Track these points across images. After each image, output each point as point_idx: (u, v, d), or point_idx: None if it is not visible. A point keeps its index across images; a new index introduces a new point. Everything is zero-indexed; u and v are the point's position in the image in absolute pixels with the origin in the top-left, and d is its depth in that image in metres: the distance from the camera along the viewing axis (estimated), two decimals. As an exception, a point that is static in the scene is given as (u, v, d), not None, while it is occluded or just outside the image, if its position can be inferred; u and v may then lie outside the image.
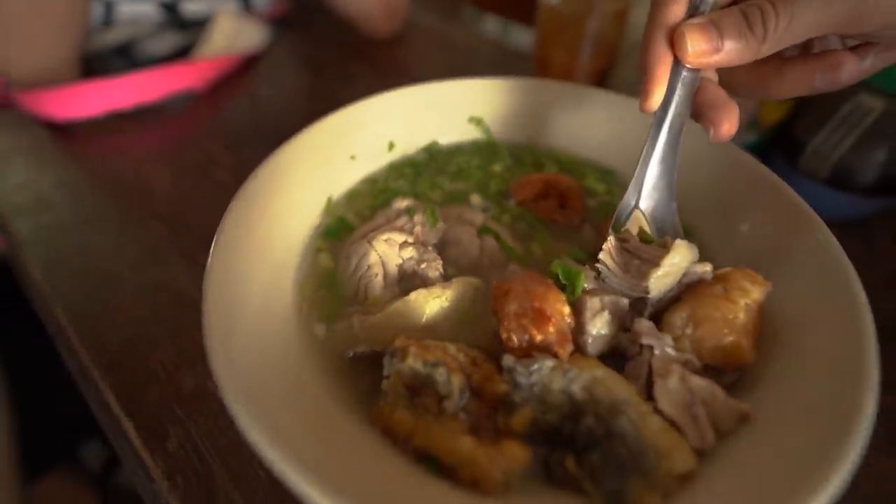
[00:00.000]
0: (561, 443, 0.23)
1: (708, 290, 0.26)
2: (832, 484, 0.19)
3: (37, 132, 0.58)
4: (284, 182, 0.33)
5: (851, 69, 0.26)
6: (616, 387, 0.23)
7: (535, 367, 0.24)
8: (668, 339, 0.25)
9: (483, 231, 0.35)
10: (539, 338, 0.24)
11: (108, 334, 0.39)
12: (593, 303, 0.25)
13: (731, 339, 0.25)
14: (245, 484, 0.31)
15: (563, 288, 0.27)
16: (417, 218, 0.35)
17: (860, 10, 0.23)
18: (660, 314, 0.28)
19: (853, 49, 0.27)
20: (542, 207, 0.36)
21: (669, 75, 0.27)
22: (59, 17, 0.58)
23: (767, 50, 0.25)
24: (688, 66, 0.26)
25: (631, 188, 0.30)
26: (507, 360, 0.24)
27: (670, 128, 0.29)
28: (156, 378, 0.36)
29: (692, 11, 0.26)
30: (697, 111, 0.29)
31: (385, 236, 0.34)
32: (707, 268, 0.27)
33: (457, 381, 0.24)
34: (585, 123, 0.40)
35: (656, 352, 0.24)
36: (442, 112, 0.40)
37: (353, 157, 0.38)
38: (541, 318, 0.25)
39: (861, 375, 0.22)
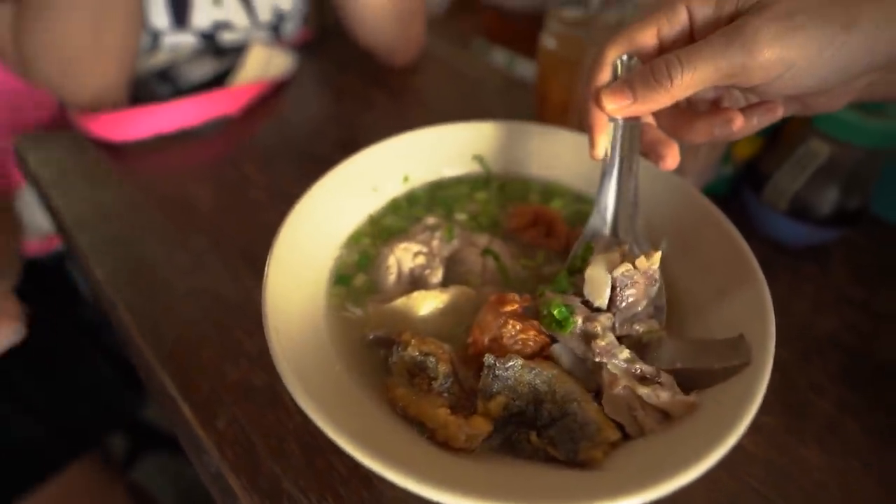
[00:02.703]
0: (525, 423, 0.31)
1: None
2: (720, 450, 0.26)
3: (93, 152, 0.66)
4: (322, 207, 0.41)
5: (740, 124, 0.33)
6: (568, 382, 0.31)
7: (510, 364, 0.31)
8: (624, 353, 0.31)
9: (485, 252, 0.42)
10: (530, 337, 0.33)
11: (164, 331, 0.46)
12: (602, 321, 0.32)
13: None
14: (283, 458, 0.38)
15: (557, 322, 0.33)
16: (437, 234, 0.43)
17: (744, 66, 0.28)
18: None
19: (744, 109, 0.34)
20: (529, 235, 0.43)
21: (610, 126, 0.35)
22: (117, 50, 0.65)
23: (678, 94, 0.30)
24: (613, 118, 0.34)
25: (594, 215, 0.38)
26: (489, 358, 0.31)
27: (619, 165, 0.36)
28: (205, 369, 0.43)
29: (615, 76, 0.34)
30: (646, 150, 0.36)
31: (404, 245, 0.42)
32: (623, 269, 0.33)
33: (443, 367, 0.32)
34: (565, 158, 0.48)
35: (608, 366, 0.31)
36: (449, 150, 0.48)
37: (375, 189, 0.45)
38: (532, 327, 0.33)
39: (757, 375, 0.29)
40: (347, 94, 0.79)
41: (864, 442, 0.40)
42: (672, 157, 0.35)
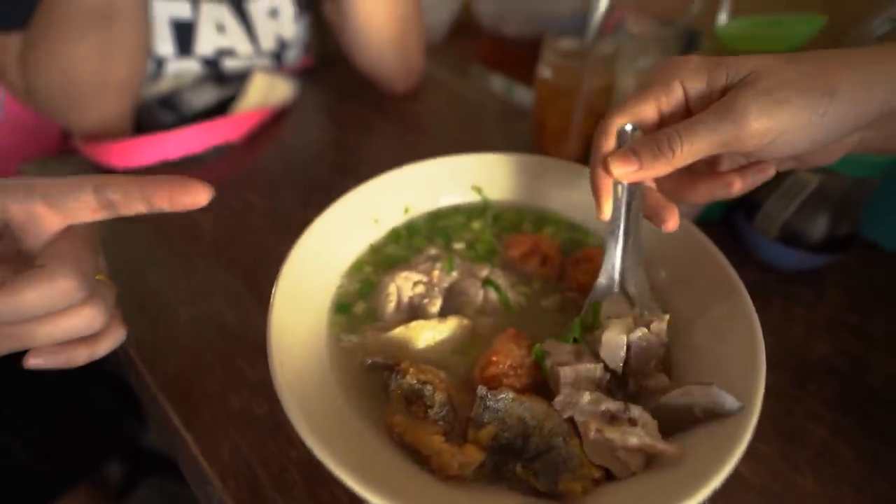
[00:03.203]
0: (513, 454, 0.32)
1: None
2: (704, 491, 0.27)
3: (98, 178, 0.67)
4: (325, 240, 0.43)
5: (738, 185, 0.35)
6: (556, 418, 0.32)
7: (501, 396, 0.32)
8: (585, 397, 0.32)
9: (486, 283, 0.43)
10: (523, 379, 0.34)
11: (167, 360, 0.47)
12: (566, 372, 0.33)
13: None
14: (285, 488, 0.38)
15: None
16: (438, 265, 0.44)
17: (737, 137, 0.31)
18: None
19: (739, 169, 0.36)
20: (527, 263, 0.44)
21: (614, 189, 0.37)
22: (123, 81, 0.67)
23: (679, 163, 0.32)
24: (618, 182, 0.36)
25: (602, 274, 0.38)
26: (482, 389, 0.33)
27: (625, 226, 0.37)
28: (209, 399, 0.44)
29: (621, 143, 0.35)
30: (648, 213, 0.37)
31: (405, 274, 0.43)
32: (639, 333, 0.34)
33: (439, 396, 0.33)
34: (560, 188, 0.50)
35: (576, 417, 0.32)
36: (449, 181, 0.49)
37: (376, 221, 0.46)
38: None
39: (744, 418, 0.30)
40: (348, 120, 0.81)
41: (857, 468, 0.40)
42: (673, 221, 0.36)
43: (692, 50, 0.64)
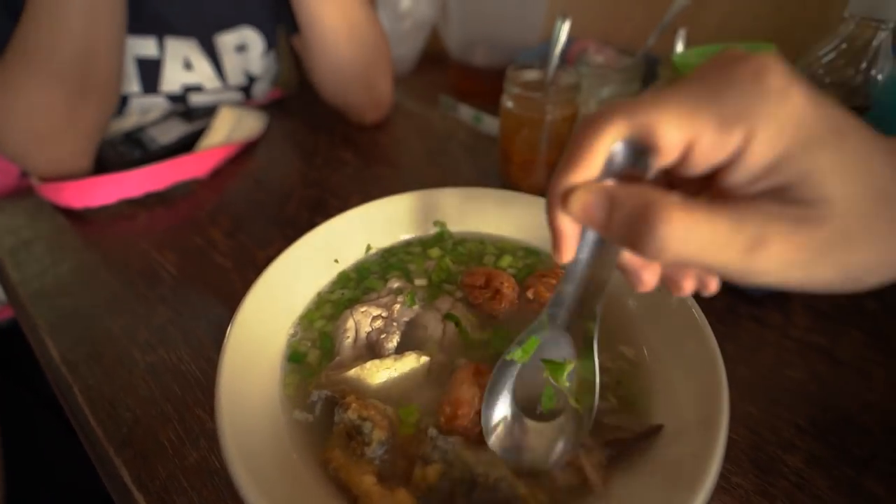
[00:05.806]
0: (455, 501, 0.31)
1: None
2: None
3: (55, 218, 0.65)
4: (282, 284, 0.41)
5: (689, 287, 0.28)
6: (501, 468, 0.31)
7: (451, 440, 0.32)
8: None
9: (447, 317, 0.42)
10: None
11: (121, 413, 0.44)
12: None
13: None
14: (241, 548, 0.36)
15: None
16: (400, 298, 0.43)
17: (744, 277, 0.22)
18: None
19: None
20: (475, 295, 0.43)
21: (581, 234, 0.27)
22: (89, 126, 0.65)
23: (650, 259, 0.23)
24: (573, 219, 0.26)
25: (549, 307, 0.32)
26: (432, 431, 0.33)
27: (580, 279, 0.30)
28: (164, 452, 0.42)
29: (608, 168, 0.25)
30: (625, 267, 0.29)
31: (364, 308, 0.42)
32: None
33: (378, 434, 0.32)
34: (525, 221, 0.50)
35: None
36: (411, 217, 0.48)
37: (336, 261, 0.45)
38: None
39: (714, 434, 0.29)
40: (317, 154, 0.80)
41: (834, 498, 0.40)
42: (651, 281, 0.28)
43: (653, 79, 0.65)
